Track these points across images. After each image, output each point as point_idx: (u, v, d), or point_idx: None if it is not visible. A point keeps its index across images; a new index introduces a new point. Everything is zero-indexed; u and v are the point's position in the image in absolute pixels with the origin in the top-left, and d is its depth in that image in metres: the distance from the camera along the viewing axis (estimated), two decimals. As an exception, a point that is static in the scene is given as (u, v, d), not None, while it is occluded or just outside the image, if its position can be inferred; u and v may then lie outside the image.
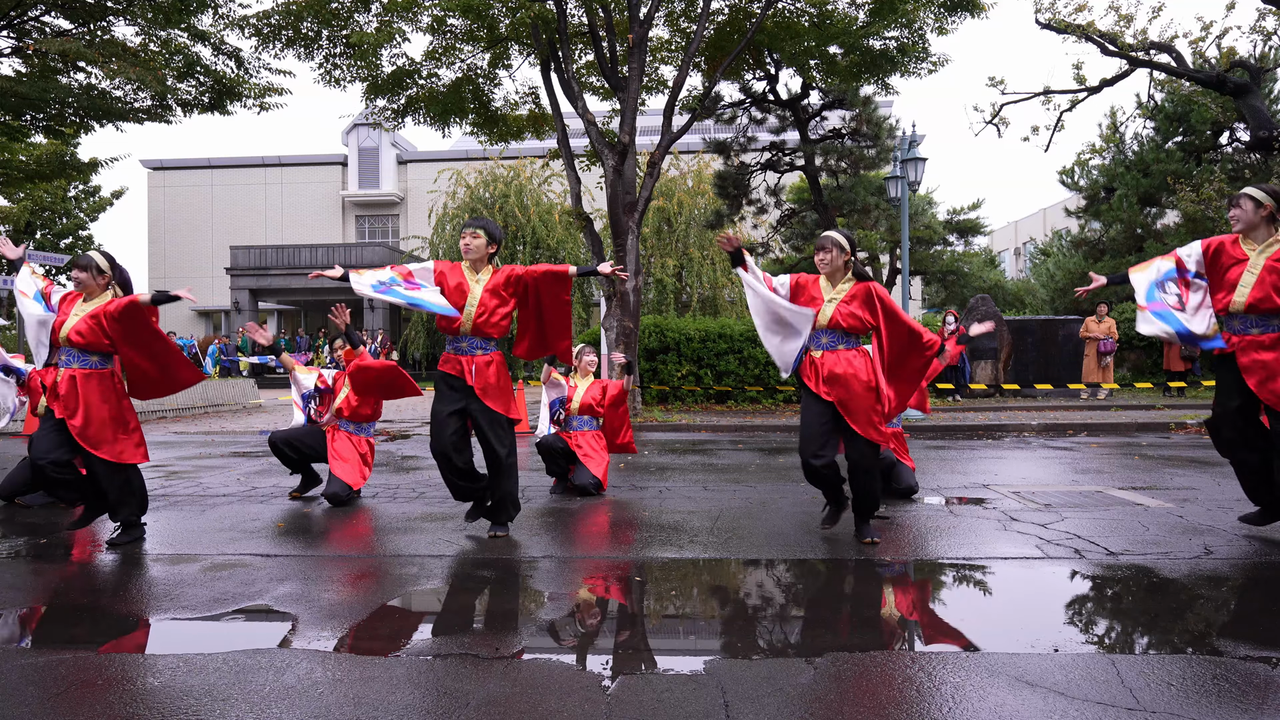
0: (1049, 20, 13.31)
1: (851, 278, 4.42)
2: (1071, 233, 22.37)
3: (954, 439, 9.97)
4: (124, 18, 13.09)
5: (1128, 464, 7.44)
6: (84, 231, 27.22)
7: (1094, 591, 3.63)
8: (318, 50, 12.99)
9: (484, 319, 4.42)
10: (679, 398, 14.53)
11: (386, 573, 3.93)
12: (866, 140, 16.86)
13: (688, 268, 24.07)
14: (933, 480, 6.57)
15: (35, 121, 14.27)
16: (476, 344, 4.46)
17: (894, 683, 2.54)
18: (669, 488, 6.31)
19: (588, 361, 6.30)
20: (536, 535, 4.72)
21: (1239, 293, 4.13)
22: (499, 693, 2.49)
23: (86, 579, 3.89)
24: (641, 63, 12.40)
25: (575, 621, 3.26)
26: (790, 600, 3.61)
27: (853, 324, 4.32)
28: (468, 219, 4.46)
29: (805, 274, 4.54)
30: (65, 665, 2.74)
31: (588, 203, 14.06)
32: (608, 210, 12.85)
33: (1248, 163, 17.33)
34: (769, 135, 17.45)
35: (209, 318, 34.71)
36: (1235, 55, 13.35)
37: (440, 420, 4.48)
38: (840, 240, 4.41)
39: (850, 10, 12.85)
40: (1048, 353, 16.49)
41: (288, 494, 6.07)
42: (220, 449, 9.39)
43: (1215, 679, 2.53)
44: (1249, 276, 4.11)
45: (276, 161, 35.54)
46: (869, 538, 4.36)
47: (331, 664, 2.76)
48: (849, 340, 4.38)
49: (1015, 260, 41.33)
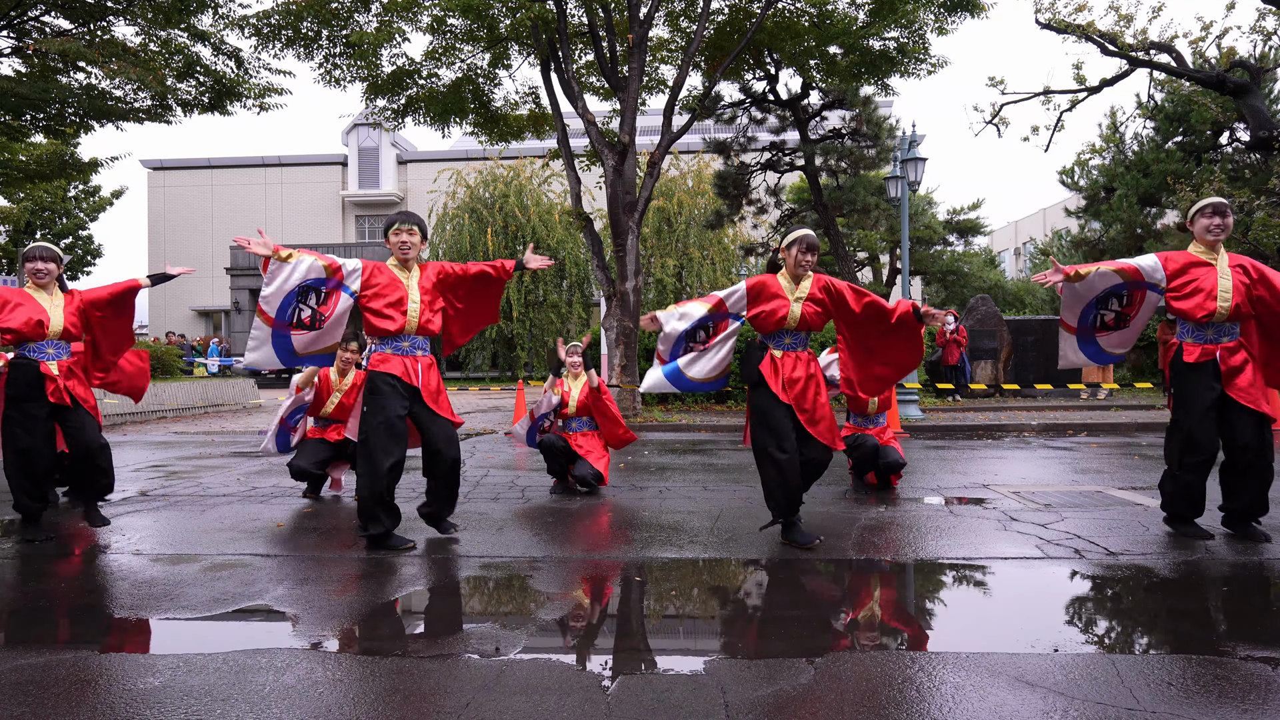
0: (1049, 20, 13.30)
1: (811, 274, 4.40)
2: (1071, 233, 22.34)
3: (954, 439, 9.97)
4: (124, 18, 13.09)
5: (1128, 464, 7.44)
6: (84, 231, 27.22)
7: (1094, 591, 3.63)
8: (318, 50, 12.99)
9: (427, 318, 4.34)
10: (679, 398, 14.52)
11: (386, 573, 3.93)
12: (866, 140, 16.85)
13: (688, 268, 24.07)
14: (933, 480, 6.57)
15: (35, 121, 14.26)
16: (419, 343, 4.35)
17: (894, 683, 2.54)
18: (669, 488, 6.31)
19: (573, 363, 6.30)
20: (536, 535, 4.72)
21: (1221, 300, 4.19)
22: (499, 693, 2.49)
23: (86, 579, 3.89)
24: (641, 63, 12.40)
25: (575, 621, 3.26)
26: (791, 600, 3.60)
27: (816, 321, 4.34)
28: (398, 215, 4.36)
29: (763, 275, 4.44)
30: (65, 665, 2.74)
31: (588, 203, 14.06)
32: (608, 210, 12.86)
33: (1248, 163, 17.31)
34: (769, 135, 17.45)
35: (209, 317, 34.72)
36: (1235, 55, 13.34)
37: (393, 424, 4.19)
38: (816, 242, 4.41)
39: (850, 10, 12.85)
40: (1048, 353, 16.49)
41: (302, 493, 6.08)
42: (220, 449, 9.39)
43: (1215, 679, 2.53)
44: (1225, 283, 4.19)
45: (276, 161, 35.54)
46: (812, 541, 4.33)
47: (331, 664, 2.76)
48: (806, 343, 4.41)
49: (1015, 260, 41.35)
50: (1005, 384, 15.43)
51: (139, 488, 6.37)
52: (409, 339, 4.30)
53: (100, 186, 27.27)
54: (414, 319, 4.29)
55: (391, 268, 4.36)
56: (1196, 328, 4.29)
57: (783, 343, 4.35)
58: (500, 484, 6.56)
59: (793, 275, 4.37)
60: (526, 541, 4.53)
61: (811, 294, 4.32)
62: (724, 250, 24.84)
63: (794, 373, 4.30)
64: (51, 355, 4.59)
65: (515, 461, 8.15)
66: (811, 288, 4.34)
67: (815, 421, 4.28)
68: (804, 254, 4.30)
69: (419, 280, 4.37)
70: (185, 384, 15.59)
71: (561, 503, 5.76)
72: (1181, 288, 4.29)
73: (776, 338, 4.37)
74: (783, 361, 4.32)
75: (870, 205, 17.05)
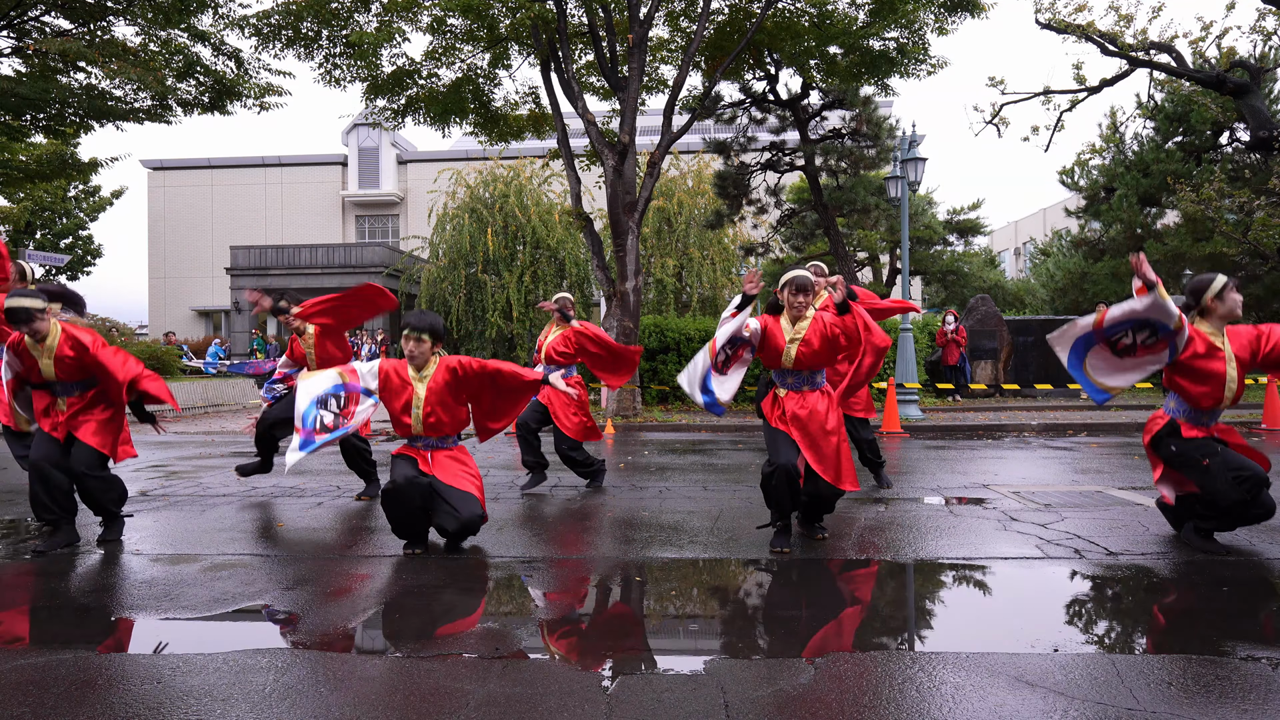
0: (1049, 20, 13.31)
1: (811, 312, 4.40)
2: (1071, 233, 22.35)
3: (954, 439, 9.97)
4: (124, 18, 13.10)
5: (1128, 464, 7.44)
6: (84, 231, 27.25)
7: (1094, 591, 3.63)
8: (318, 50, 12.99)
9: (434, 420, 4.32)
10: (679, 397, 14.52)
11: (387, 573, 3.93)
12: (866, 140, 16.84)
13: (688, 268, 24.05)
14: (933, 480, 6.57)
15: (35, 121, 14.28)
16: (431, 442, 4.37)
17: (894, 683, 2.54)
18: (669, 488, 6.31)
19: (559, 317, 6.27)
20: (537, 535, 4.72)
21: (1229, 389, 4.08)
22: (499, 693, 2.49)
23: (87, 579, 3.89)
24: (641, 63, 12.40)
25: (575, 621, 3.26)
26: (791, 600, 3.60)
27: (815, 361, 4.30)
28: (412, 318, 4.34)
29: (767, 316, 4.43)
30: (65, 665, 2.74)
31: (588, 203, 14.06)
32: (608, 210, 12.86)
33: (1248, 163, 17.32)
34: (769, 135, 17.45)
35: (209, 317, 34.71)
36: (1235, 55, 13.35)
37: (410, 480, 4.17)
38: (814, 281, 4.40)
39: (850, 10, 12.85)
40: (1048, 353, 16.45)
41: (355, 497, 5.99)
42: (220, 449, 9.39)
43: (1215, 679, 2.53)
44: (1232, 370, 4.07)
45: (276, 161, 35.55)
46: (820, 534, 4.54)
47: (332, 664, 2.76)
48: (813, 381, 4.36)
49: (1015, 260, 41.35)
50: (1005, 384, 15.43)
51: (139, 488, 6.37)
52: (422, 440, 4.36)
53: (100, 186, 27.31)
54: (418, 423, 4.31)
55: (408, 368, 4.39)
56: (1196, 411, 4.18)
57: (786, 382, 4.38)
58: (500, 484, 6.56)
59: (789, 316, 4.37)
60: (526, 541, 4.53)
61: (806, 336, 4.30)
62: (724, 250, 24.82)
63: (798, 409, 4.29)
64: (59, 393, 4.46)
65: (515, 462, 8.15)
66: (808, 330, 4.32)
67: (821, 459, 4.24)
68: (794, 295, 4.28)
69: (429, 382, 4.35)
70: (185, 384, 15.60)
71: (561, 503, 5.76)
72: (1192, 367, 4.13)
73: (780, 376, 4.40)
74: (786, 400, 4.33)
75: (870, 205, 17.04)
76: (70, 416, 4.42)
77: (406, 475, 4.16)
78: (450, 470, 4.32)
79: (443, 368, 4.37)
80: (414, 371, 4.37)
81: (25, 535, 4.79)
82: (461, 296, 23.66)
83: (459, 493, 4.25)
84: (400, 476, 4.15)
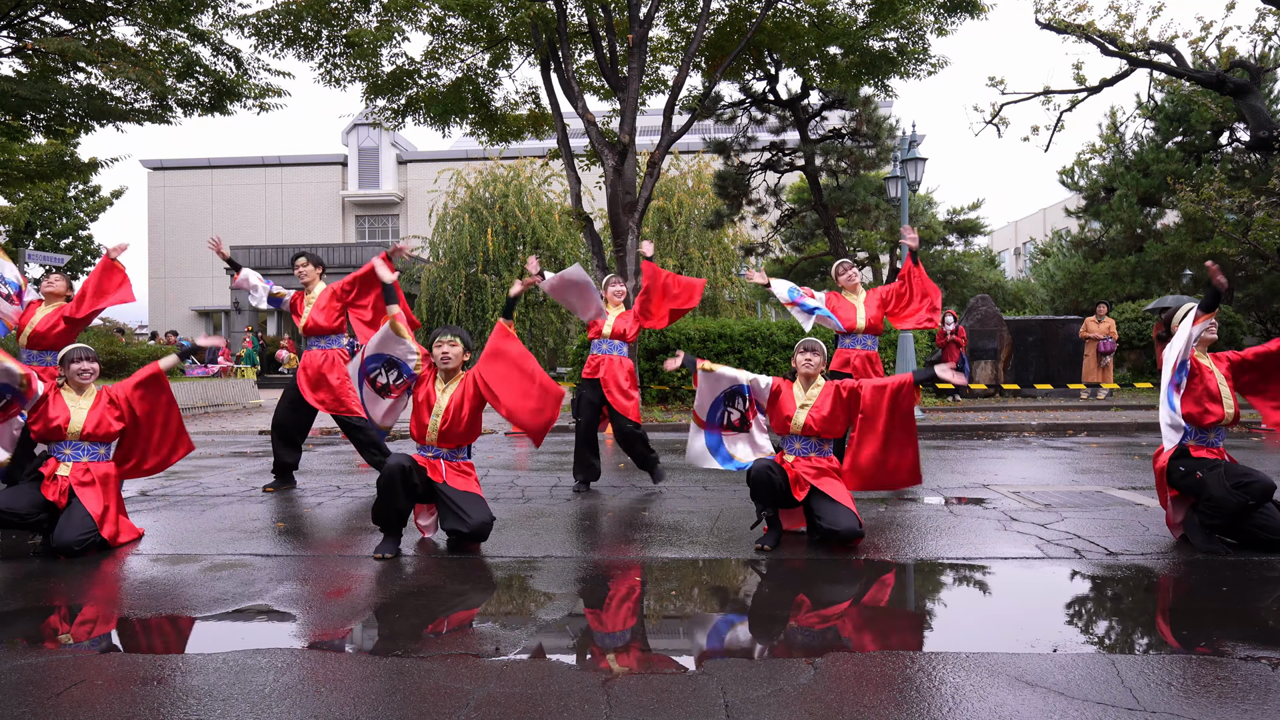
0: (1049, 20, 13.31)
1: (821, 380, 4.47)
2: (1071, 233, 22.36)
3: (954, 439, 9.97)
4: (124, 18, 13.09)
5: (1128, 464, 7.44)
6: (84, 231, 27.23)
7: (1094, 591, 3.63)
8: (317, 50, 12.98)
9: (446, 431, 4.32)
10: (679, 397, 14.52)
11: (386, 573, 3.93)
12: (866, 140, 16.85)
13: (688, 268, 24.06)
14: (933, 480, 6.57)
15: (35, 121, 14.27)
16: (440, 452, 4.36)
17: (894, 683, 2.54)
18: (669, 488, 6.31)
19: (614, 292, 6.32)
20: (537, 535, 4.72)
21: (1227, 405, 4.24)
22: (499, 693, 2.49)
23: (86, 579, 3.89)
24: (641, 63, 12.40)
25: (575, 621, 3.26)
26: (790, 600, 3.60)
27: (825, 428, 4.37)
28: (444, 328, 4.41)
29: (780, 379, 4.56)
30: (65, 665, 2.74)
31: (588, 203, 14.06)
32: (608, 210, 12.85)
33: (1248, 163, 17.33)
34: (769, 135, 17.45)
35: (209, 318, 34.73)
36: (1235, 55, 13.35)
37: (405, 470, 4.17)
38: (823, 347, 4.49)
39: (850, 11, 12.85)
40: (1048, 353, 16.49)
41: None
42: (220, 449, 9.39)
43: (1215, 679, 2.53)
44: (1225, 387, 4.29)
45: (276, 161, 35.57)
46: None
47: (331, 664, 2.76)
48: (821, 448, 4.44)
49: (1015, 260, 41.33)
50: (1005, 384, 15.43)
51: (139, 488, 6.37)
52: (431, 449, 4.36)
53: (100, 186, 27.29)
54: (434, 431, 4.32)
55: (432, 381, 4.42)
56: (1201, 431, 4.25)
57: (794, 447, 4.44)
58: (500, 484, 6.56)
59: (801, 379, 4.48)
60: (526, 541, 4.53)
61: (817, 403, 4.39)
62: (724, 250, 24.85)
63: (805, 470, 4.35)
64: (69, 456, 4.36)
65: (515, 461, 8.15)
66: (819, 396, 4.40)
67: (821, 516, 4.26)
68: (801, 353, 4.45)
69: (453, 392, 4.35)
70: (185, 384, 15.60)
71: (561, 503, 5.76)
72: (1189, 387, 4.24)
73: (788, 441, 4.47)
74: (794, 465, 4.38)
75: (870, 205, 17.04)
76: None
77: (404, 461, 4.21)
78: (458, 480, 4.36)
79: (467, 379, 4.41)
80: (441, 378, 4.42)
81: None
82: (461, 297, 23.67)
83: (470, 496, 4.27)
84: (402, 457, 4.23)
